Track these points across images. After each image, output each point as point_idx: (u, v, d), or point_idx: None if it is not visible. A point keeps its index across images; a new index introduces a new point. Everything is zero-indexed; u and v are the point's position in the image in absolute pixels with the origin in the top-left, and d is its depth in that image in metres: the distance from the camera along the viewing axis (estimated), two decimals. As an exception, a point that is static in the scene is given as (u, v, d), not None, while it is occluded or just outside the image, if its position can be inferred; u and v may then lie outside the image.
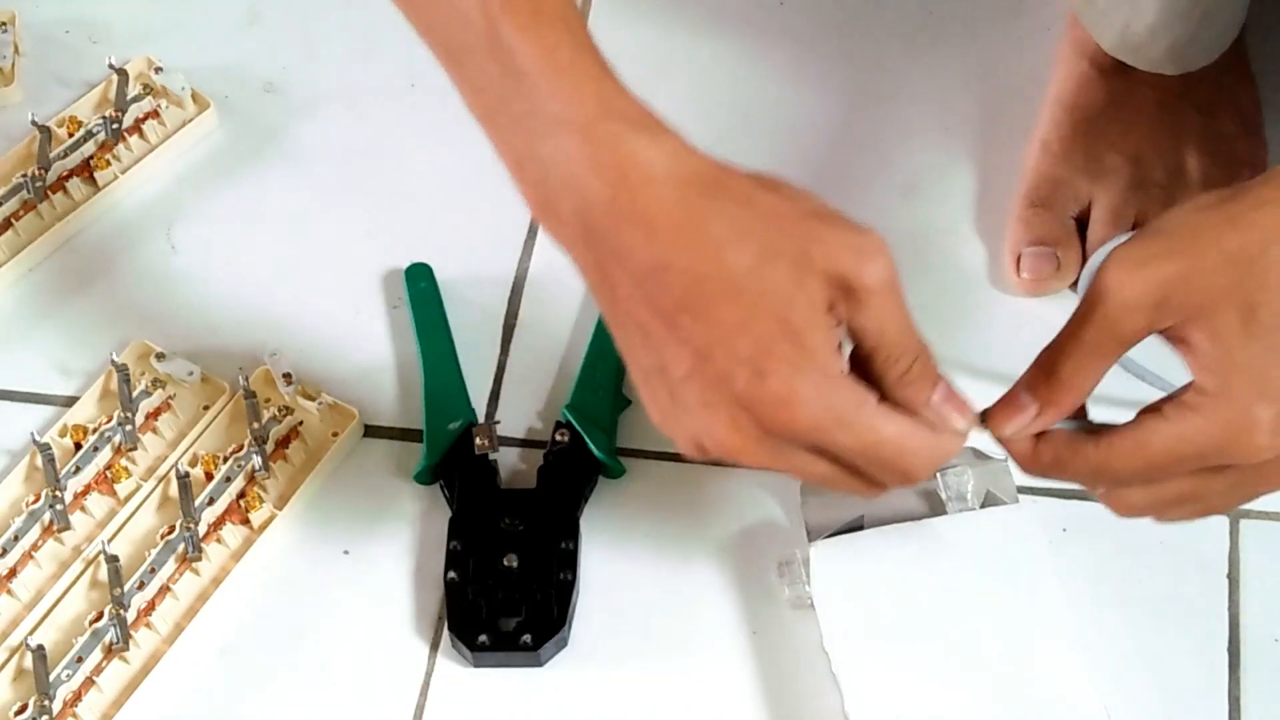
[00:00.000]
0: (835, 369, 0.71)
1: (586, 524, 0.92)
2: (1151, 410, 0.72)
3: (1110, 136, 0.99)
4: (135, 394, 0.95)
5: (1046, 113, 1.02)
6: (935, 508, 0.89)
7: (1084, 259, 0.98)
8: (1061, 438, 0.74)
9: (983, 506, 0.89)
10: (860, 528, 0.88)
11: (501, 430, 0.95)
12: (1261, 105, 1.02)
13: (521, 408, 0.97)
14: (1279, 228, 0.68)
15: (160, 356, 0.97)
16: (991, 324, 0.98)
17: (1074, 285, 0.98)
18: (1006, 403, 0.74)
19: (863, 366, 0.73)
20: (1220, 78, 0.99)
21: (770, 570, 0.89)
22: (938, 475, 0.89)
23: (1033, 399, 0.73)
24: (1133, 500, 0.75)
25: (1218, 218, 0.69)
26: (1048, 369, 0.72)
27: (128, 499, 0.93)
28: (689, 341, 0.70)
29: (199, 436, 0.95)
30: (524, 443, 0.95)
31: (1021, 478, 0.89)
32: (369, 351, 0.99)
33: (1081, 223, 0.99)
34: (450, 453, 0.93)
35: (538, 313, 1.00)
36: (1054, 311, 0.97)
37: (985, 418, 0.75)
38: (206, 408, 0.96)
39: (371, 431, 0.96)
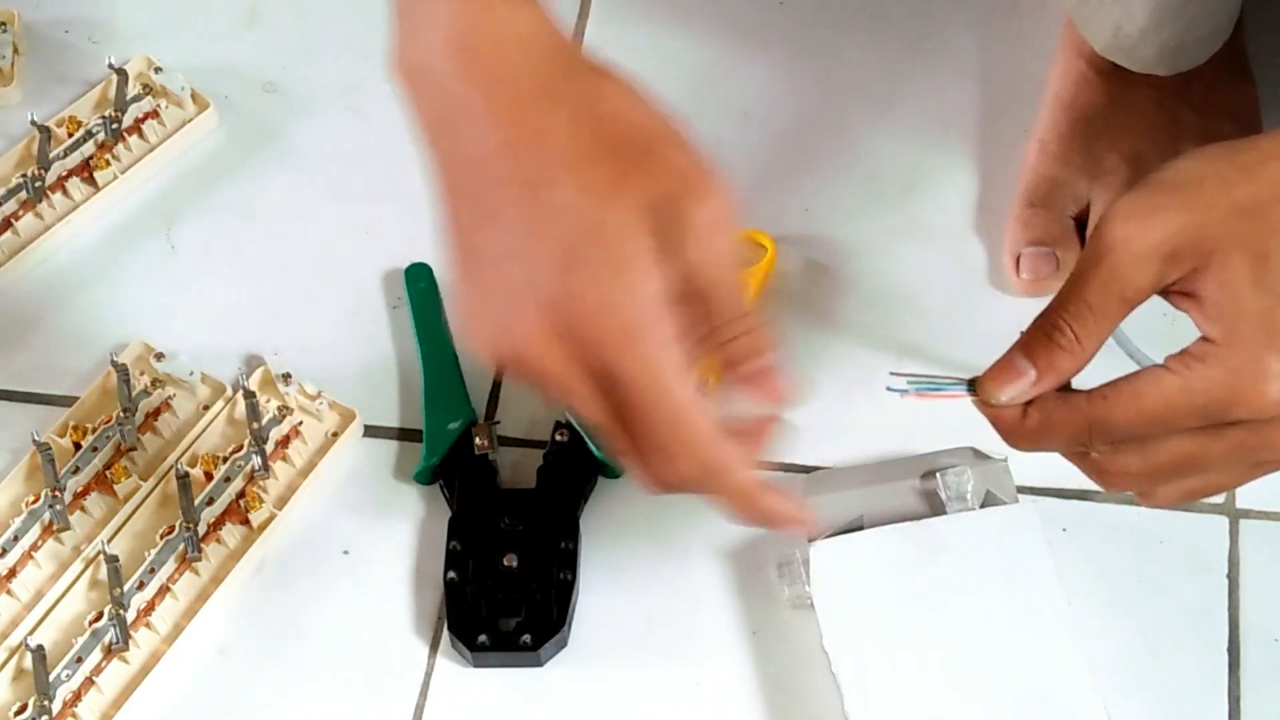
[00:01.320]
0: (649, 289, 0.67)
1: (586, 524, 0.92)
2: (1151, 368, 0.69)
3: (1108, 136, 0.99)
4: (135, 394, 0.95)
5: (1045, 113, 1.02)
6: (935, 508, 0.89)
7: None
8: (1052, 400, 0.71)
9: (983, 506, 0.89)
10: (860, 528, 0.88)
11: (501, 430, 0.95)
12: (1259, 105, 1.02)
13: (521, 408, 0.97)
14: None
15: (160, 356, 0.97)
16: (991, 324, 0.98)
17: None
18: (1001, 368, 0.71)
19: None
20: (1218, 77, 0.99)
21: (770, 570, 0.89)
22: (938, 475, 0.89)
23: (1030, 364, 0.71)
24: (1125, 465, 0.71)
25: (1227, 168, 0.67)
26: (1047, 332, 0.70)
27: (127, 499, 0.93)
28: (515, 221, 0.67)
29: (199, 436, 0.95)
30: (524, 443, 0.95)
31: (1022, 477, 0.90)
32: (369, 351, 0.99)
33: (1080, 222, 0.99)
34: (450, 453, 0.93)
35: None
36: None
37: (975, 385, 0.72)
38: (206, 408, 0.96)
39: (371, 431, 0.96)
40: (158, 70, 1.07)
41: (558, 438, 0.93)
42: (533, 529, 0.91)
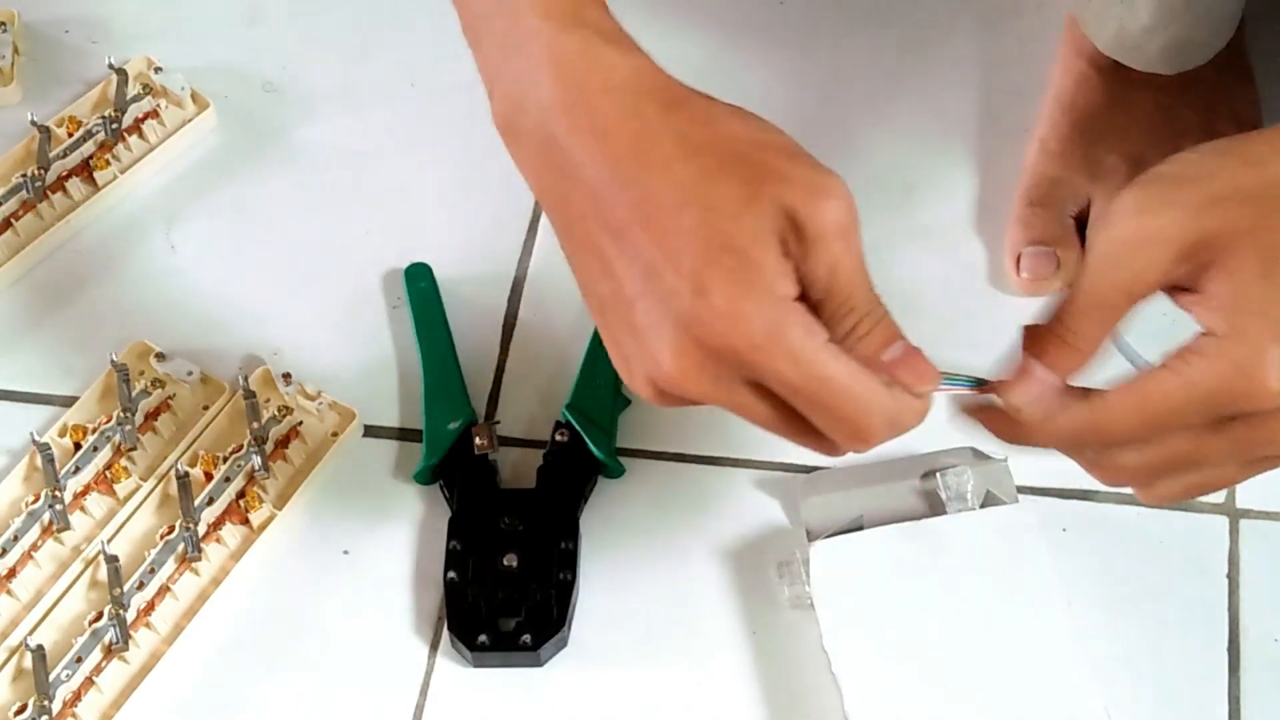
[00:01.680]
0: (783, 291, 0.68)
1: (586, 524, 0.92)
2: (1151, 370, 0.69)
3: (1109, 136, 0.99)
4: (135, 394, 0.95)
5: (1045, 112, 1.02)
6: (935, 508, 0.89)
7: (1083, 258, 0.98)
8: (1053, 401, 0.71)
9: (983, 506, 0.89)
10: (860, 528, 0.88)
11: (501, 430, 0.95)
12: (1260, 104, 1.02)
13: (521, 408, 0.97)
14: None
15: (160, 356, 0.97)
16: (991, 324, 0.98)
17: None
18: (1019, 372, 0.71)
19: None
20: (1218, 77, 0.99)
21: (770, 570, 0.89)
22: (938, 475, 0.89)
23: (1039, 365, 0.71)
24: (1124, 462, 0.71)
25: (1234, 160, 0.67)
26: (1058, 332, 0.70)
27: (127, 499, 0.93)
28: (638, 259, 0.68)
29: (199, 436, 0.95)
30: (524, 443, 0.95)
31: (1022, 477, 0.90)
32: (369, 351, 0.99)
33: (1080, 222, 0.99)
34: (450, 453, 0.93)
35: (538, 312, 1.00)
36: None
37: (988, 387, 0.72)
38: (206, 408, 0.96)
39: (371, 431, 0.96)
40: (158, 70, 1.07)
41: (558, 437, 0.93)
42: (533, 529, 0.91)
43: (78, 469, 0.93)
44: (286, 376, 0.96)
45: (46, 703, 0.86)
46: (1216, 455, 0.70)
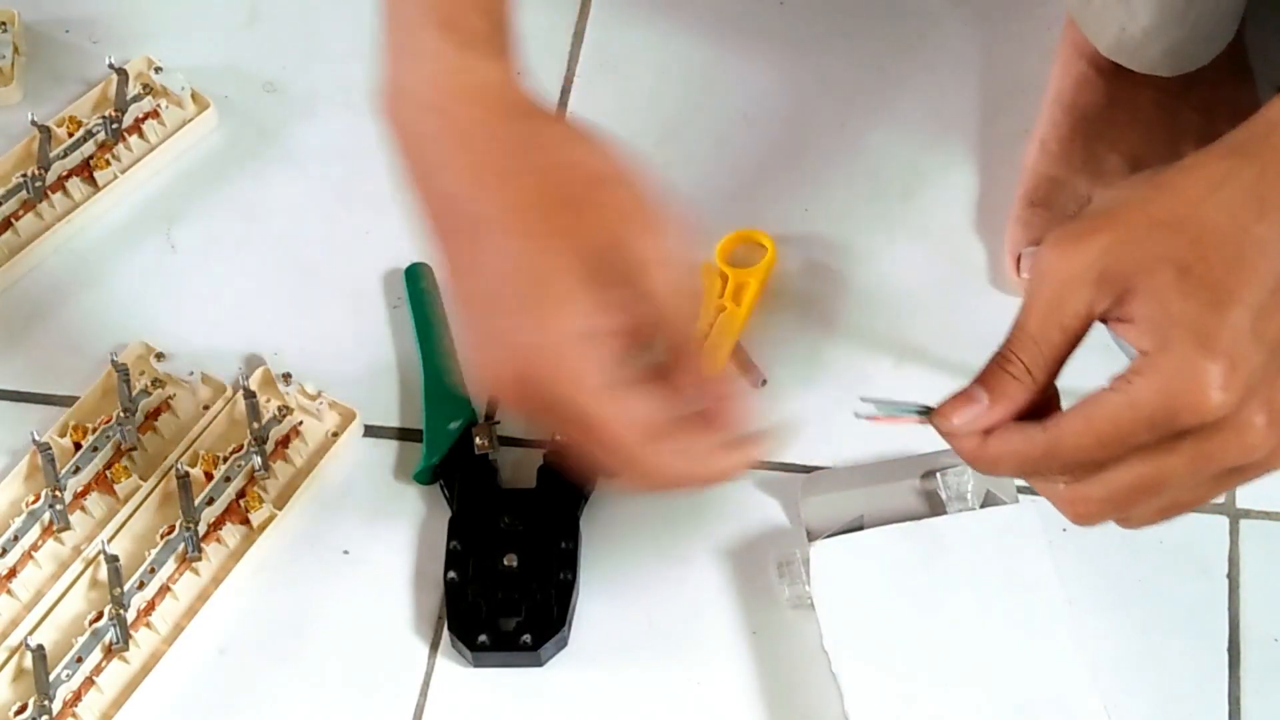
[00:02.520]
0: (578, 325, 0.71)
1: (586, 524, 0.92)
2: (1096, 391, 0.70)
3: (1109, 137, 0.99)
4: (135, 394, 0.95)
5: (1045, 113, 1.02)
6: (935, 508, 0.89)
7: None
8: (1010, 427, 0.72)
9: (983, 506, 0.89)
10: (860, 528, 0.88)
11: (501, 430, 0.95)
12: (1260, 105, 1.02)
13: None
14: (1204, 189, 0.68)
15: (160, 356, 0.97)
16: (991, 324, 0.98)
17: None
18: (958, 396, 0.73)
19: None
20: (1218, 78, 0.99)
21: (770, 570, 0.89)
22: (938, 475, 0.89)
23: (984, 392, 0.72)
24: (1088, 493, 0.72)
25: (1146, 188, 0.69)
26: (999, 362, 0.71)
27: (127, 499, 0.93)
28: (473, 270, 0.72)
29: (199, 436, 0.95)
30: (524, 443, 0.95)
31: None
32: (369, 351, 0.99)
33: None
34: (451, 453, 0.93)
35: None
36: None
37: (932, 412, 0.73)
38: (206, 408, 0.96)
39: (371, 431, 0.96)
40: (158, 70, 1.07)
41: (558, 437, 0.93)
42: (533, 529, 0.90)
43: (78, 469, 0.93)
44: (286, 376, 0.96)
45: (47, 702, 0.86)
46: (1176, 475, 0.70)
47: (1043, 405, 0.72)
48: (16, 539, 0.91)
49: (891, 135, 1.05)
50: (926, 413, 0.73)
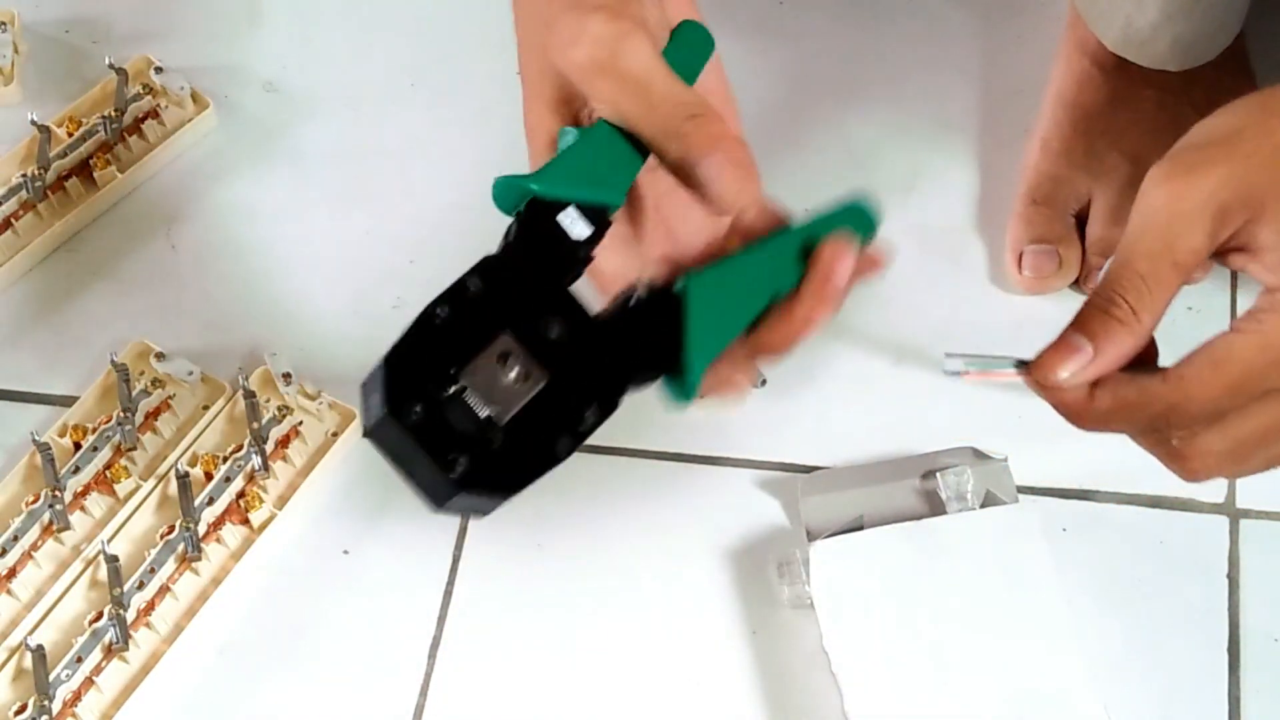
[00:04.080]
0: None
1: (585, 524, 0.92)
2: (1220, 335, 0.65)
3: (1110, 134, 0.99)
4: (135, 394, 0.95)
5: (1047, 110, 1.02)
6: (935, 508, 0.89)
7: (1084, 256, 0.98)
8: (1120, 379, 0.66)
9: (983, 506, 0.89)
10: (860, 528, 0.88)
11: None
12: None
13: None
14: None
15: (160, 356, 0.97)
16: (992, 322, 0.98)
17: (1076, 284, 0.98)
18: (1058, 346, 0.66)
19: None
20: (1219, 77, 0.99)
21: (770, 570, 0.89)
22: (938, 475, 0.89)
23: (1087, 340, 0.66)
24: (1209, 446, 0.66)
25: (1262, 114, 0.65)
26: (1103, 306, 0.66)
27: (127, 499, 0.93)
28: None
29: (199, 436, 0.95)
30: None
31: (1022, 477, 0.90)
32: (369, 351, 0.99)
33: (1081, 220, 0.99)
34: (554, 207, 0.70)
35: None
36: (1055, 310, 0.97)
37: (1029, 366, 0.67)
38: (206, 408, 0.96)
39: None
40: (158, 70, 1.07)
41: (648, 295, 0.70)
42: (565, 360, 0.68)
43: (78, 469, 0.93)
44: (286, 376, 0.96)
45: (46, 702, 0.86)
46: None
47: (1143, 354, 0.67)
48: (16, 539, 0.91)
49: (892, 134, 1.05)
50: (1023, 366, 0.67)
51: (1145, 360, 0.68)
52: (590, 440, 0.94)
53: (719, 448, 0.95)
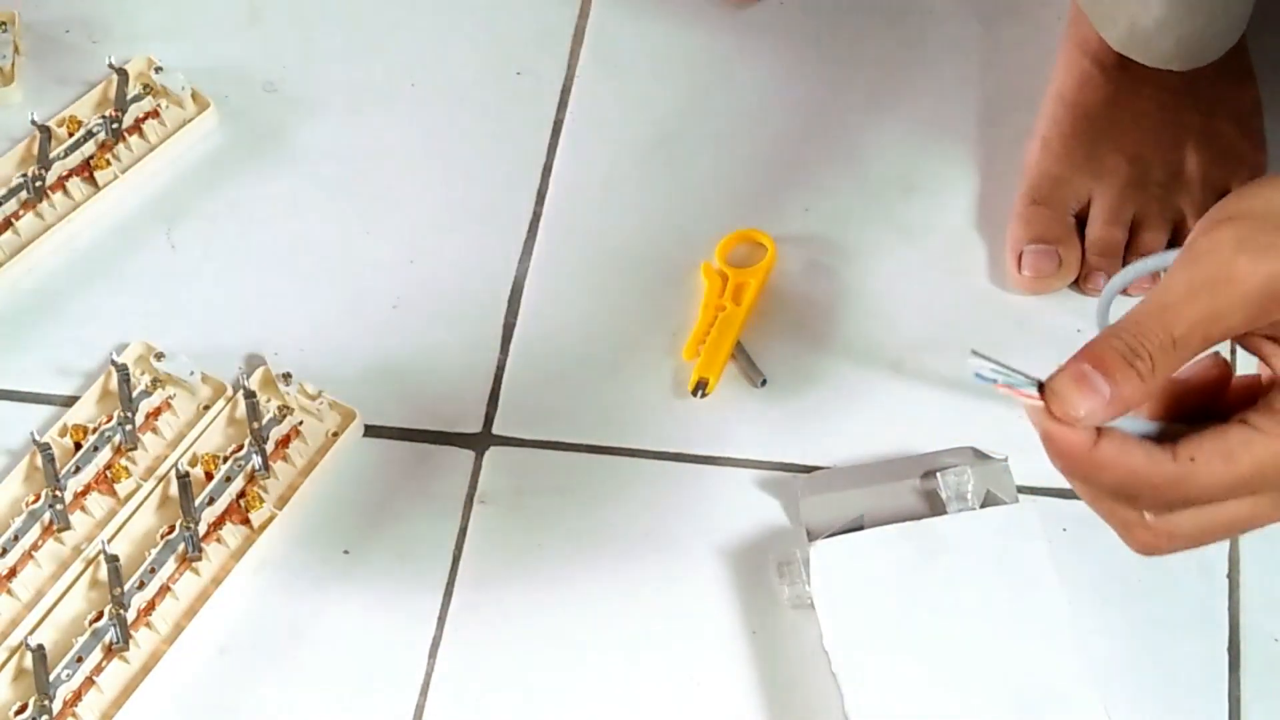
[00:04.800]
0: None
1: (584, 527, 0.92)
2: (1235, 422, 0.62)
3: (1111, 135, 0.99)
4: (135, 394, 0.95)
5: (1047, 110, 1.02)
6: (935, 508, 0.89)
7: (1084, 257, 0.98)
8: (1129, 441, 0.62)
9: (983, 506, 0.89)
10: (860, 528, 0.88)
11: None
12: (1261, 105, 1.02)
13: (521, 408, 0.97)
14: None
15: (160, 356, 0.97)
16: (992, 323, 0.98)
17: (1075, 284, 0.98)
18: (1078, 381, 0.62)
19: None
20: (1220, 77, 0.99)
21: (770, 570, 0.89)
22: (938, 475, 0.89)
23: (1105, 383, 0.61)
24: (1179, 531, 0.64)
25: None
26: (1127, 356, 0.62)
27: (128, 499, 0.93)
28: None
29: (199, 436, 0.95)
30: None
31: (1022, 477, 0.90)
32: (369, 351, 0.99)
33: (1081, 220, 0.99)
34: None
35: (537, 313, 1.00)
36: (1054, 310, 0.98)
37: (1046, 391, 0.62)
38: (206, 407, 0.96)
39: (371, 431, 0.96)
40: (158, 70, 1.07)
41: None
42: None
43: (78, 469, 0.93)
44: (286, 376, 0.96)
45: (47, 702, 0.86)
46: (1270, 519, 0.64)
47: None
48: (16, 539, 0.91)
49: (892, 134, 1.05)
50: (1037, 387, 0.63)
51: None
52: (590, 440, 0.95)
53: (719, 448, 0.95)
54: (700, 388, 0.95)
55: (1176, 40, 0.96)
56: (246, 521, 0.92)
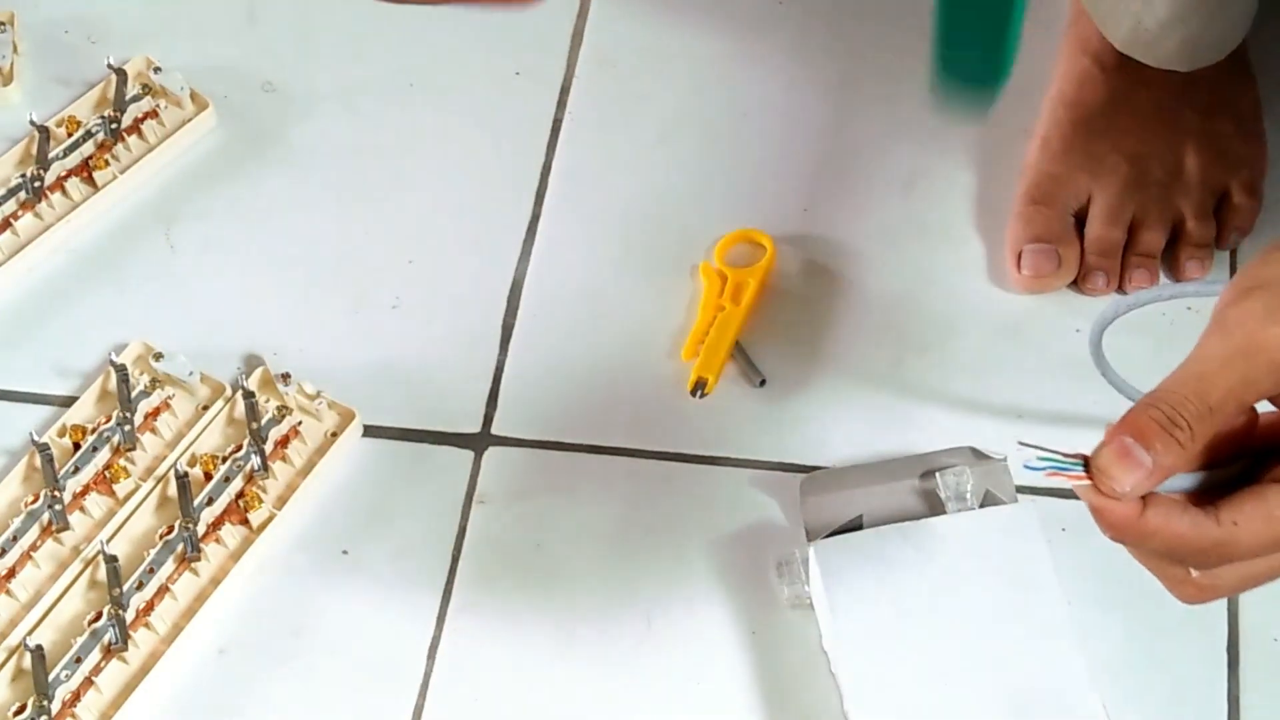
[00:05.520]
0: None
1: (586, 525, 0.92)
2: (1270, 483, 0.65)
3: (1111, 135, 0.99)
4: (134, 394, 0.95)
5: (1047, 110, 1.02)
6: (935, 508, 0.89)
7: (1083, 256, 0.98)
8: (1176, 507, 0.65)
9: (982, 506, 0.89)
10: (859, 528, 0.88)
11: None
12: (1261, 105, 1.02)
13: (521, 407, 0.97)
14: None
15: (159, 356, 0.97)
16: (992, 322, 0.98)
17: (1075, 283, 0.98)
18: (1120, 455, 0.64)
19: None
20: (1220, 78, 0.99)
21: (769, 570, 0.89)
22: (937, 475, 0.89)
23: (1147, 452, 0.64)
24: (1221, 585, 0.67)
25: None
26: (1165, 425, 0.64)
27: (126, 499, 0.93)
28: None
29: (198, 436, 0.95)
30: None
31: (1022, 477, 0.89)
32: (369, 351, 0.99)
33: (1080, 219, 0.99)
34: None
35: (536, 313, 1.00)
36: (1054, 309, 0.97)
37: (1091, 468, 0.65)
38: (205, 408, 0.96)
39: (371, 431, 0.96)
40: (157, 70, 1.07)
41: None
42: None
43: (77, 469, 0.93)
44: (285, 376, 0.96)
45: (46, 703, 0.86)
46: None
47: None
48: (16, 539, 0.91)
49: (892, 132, 1.05)
50: (1084, 467, 0.65)
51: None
52: (589, 440, 0.95)
53: (718, 448, 0.95)
54: (699, 388, 0.95)
55: (1180, 41, 0.96)
56: (245, 522, 0.92)
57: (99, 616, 0.88)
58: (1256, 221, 0.99)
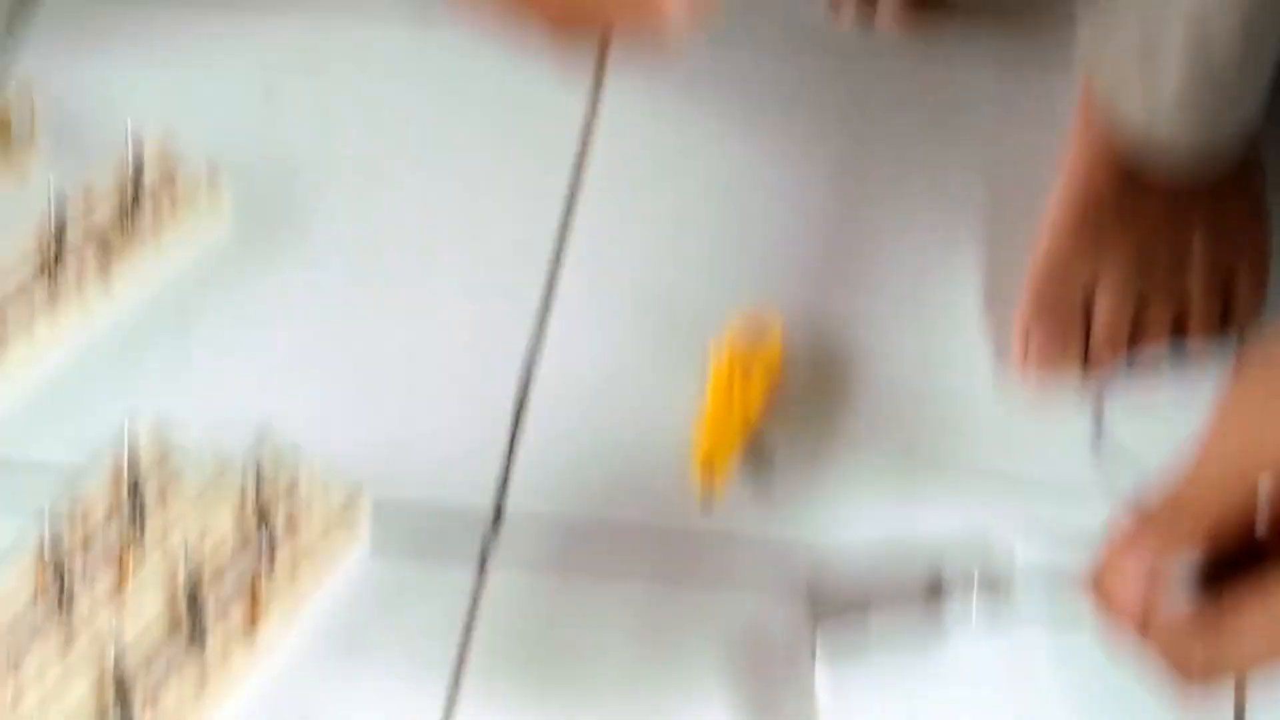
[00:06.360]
0: None
1: (595, 599, 0.92)
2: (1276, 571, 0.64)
3: (1119, 224, 0.99)
4: (140, 480, 0.94)
5: (1056, 197, 1.02)
6: (942, 603, 0.89)
7: (1089, 341, 0.98)
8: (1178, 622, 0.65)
9: (980, 590, 0.89)
10: (867, 622, 0.89)
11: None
12: (1267, 187, 1.02)
13: (534, 481, 0.97)
14: None
15: (166, 438, 0.96)
16: (1001, 410, 0.98)
17: (1083, 366, 0.98)
18: (1116, 571, 0.65)
19: None
20: (1226, 190, 1.00)
21: (778, 656, 0.89)
22: (943, 575, 0.89)
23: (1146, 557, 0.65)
24: (1227, 663, 0.66)
25: None
26: (1167, 525, 0.65)
27: (131, 590, 0.91)
28: None
29: (206, 522, 0.94)
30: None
31: (1030, 553, 0.90)
32: (379, 426, 0.99)
33: (1088, 302, 0.99)
34: None
35: (550, 386, 1.00)
36: (1062, 391, 0.97)
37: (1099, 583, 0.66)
38: (214, 492, 0.95)
39: (381, 507, 0.95)
40: (172, 150, 1.07)
41: None
42: None
43: (82, 557, 0.92)
44: (295, 457, 0.95)
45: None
46: None
47: None
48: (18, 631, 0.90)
49: (902, 221, 1.06)
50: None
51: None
52: (603, 513, 0.94)
53: (730, 524, 0.95)
54: (709, 479, 0.95)
55: (1188, 150, 0.97)
56: (253, 611, 0.91)
57: (105, 713, 0.87)
58: (1264, 302, 1.00)
